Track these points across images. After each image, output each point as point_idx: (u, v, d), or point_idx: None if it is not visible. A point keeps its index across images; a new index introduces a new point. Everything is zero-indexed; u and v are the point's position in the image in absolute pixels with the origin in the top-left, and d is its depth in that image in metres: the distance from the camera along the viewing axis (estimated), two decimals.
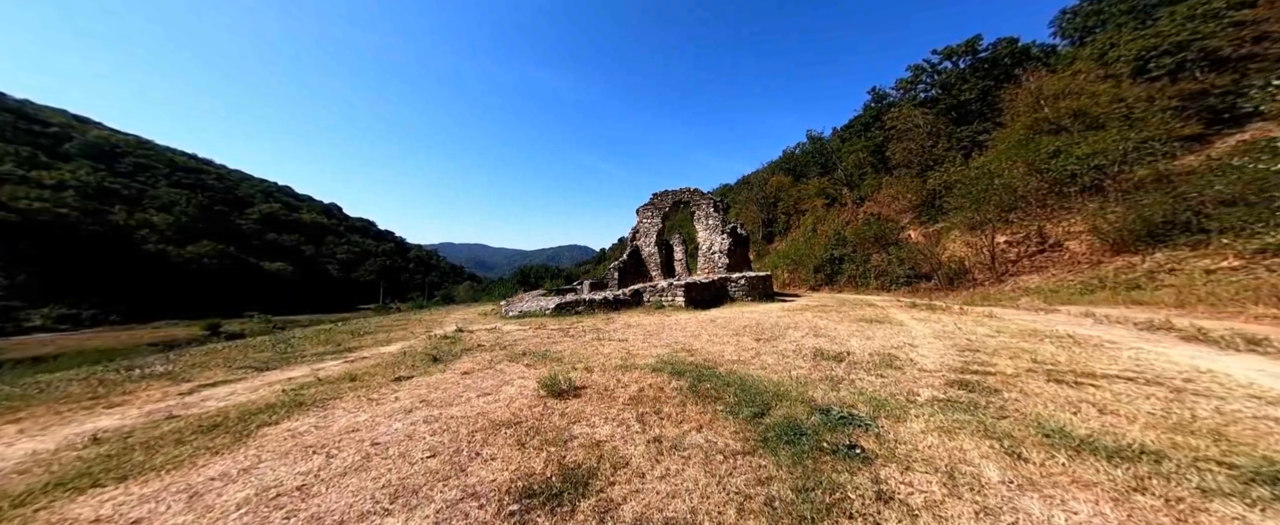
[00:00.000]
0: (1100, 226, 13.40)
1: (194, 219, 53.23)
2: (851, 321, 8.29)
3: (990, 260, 17.08)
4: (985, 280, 16.92)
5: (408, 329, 11.17)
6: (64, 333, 35.36)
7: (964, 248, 19.34)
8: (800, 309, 10.50)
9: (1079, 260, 14.03)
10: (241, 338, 24.26)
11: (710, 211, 19.20)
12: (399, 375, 5.55)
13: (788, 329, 7.61)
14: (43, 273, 40.11)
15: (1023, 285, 14.31)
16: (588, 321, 9.29)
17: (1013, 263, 17.03)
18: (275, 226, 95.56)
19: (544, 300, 11.11)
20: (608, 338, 7.40)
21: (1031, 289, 13.28)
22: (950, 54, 30.68)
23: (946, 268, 18.67)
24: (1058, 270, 14.36)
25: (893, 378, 4.49)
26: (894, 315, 9.08)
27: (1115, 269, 11.86)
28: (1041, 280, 14.15)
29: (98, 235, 41.63)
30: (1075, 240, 15.37)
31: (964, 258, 18.96)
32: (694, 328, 8.06)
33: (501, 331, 8.91)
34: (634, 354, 5.99)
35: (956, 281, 18.18)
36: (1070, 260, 14.71)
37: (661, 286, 11.35)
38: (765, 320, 8.62)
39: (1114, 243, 12.97)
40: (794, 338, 6.79)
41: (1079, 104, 17.74)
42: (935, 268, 19.19)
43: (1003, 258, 17.39)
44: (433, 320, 13.08)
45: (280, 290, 62.38)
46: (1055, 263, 15.19)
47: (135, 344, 28.12)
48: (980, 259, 17.83)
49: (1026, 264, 16.37)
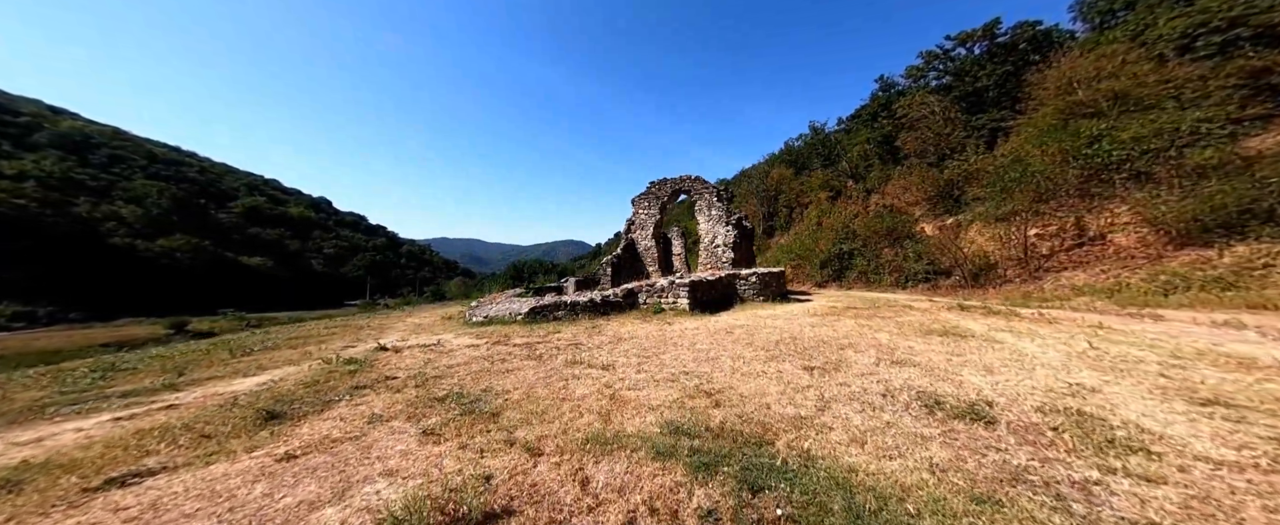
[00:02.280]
0: (1159, 217, 11.80)
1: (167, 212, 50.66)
2: (916, 333, 6.41)
3: (1022, 255, 15.51)
4: (1018, 277, 15.34)
5: (333, 341, 8.99)
6: (16, 331, 33.03)
7: (988, 242, 17.78)
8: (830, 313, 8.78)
9: (1132, 255, 12.44)
10: (209, 336, 22.25)
11: (713, 201, 17.45)
12: (134, 471, 3.21)
13: (842, 347, 5.67)
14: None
15: (1068, 283, 12.71)
16: (566, 332, 7.39)
17: (1046, 258, 15.46)
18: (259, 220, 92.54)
19: (518, 302, 9.24)
20: (586, 363, 5.45)
21: (1082, 288, 11.67)
22: (965, 39, 29.07)
23: (970, 263, 17.10)
24: (1107, 266, 12.77)
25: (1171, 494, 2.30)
26: (962, 324, 7.21)
27: (1186, 265, 10.27)
28: (1089, 277, 12.56)
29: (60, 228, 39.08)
30: (1121, 232, 13.80)
31: (989, 252, 17.41)
32: (706, 343, 6.25)
33: (443, 348, 6.95)
34: (621, 401, 4.02)
35: (982, 278, 16.64)
36: (1118, 255, 13.13)
37: (661, 285, 9.61)
38: (799, 331, 6.86)
39: (1177, 235, 11.38)
40: (862, 365, 4.83)
41: (1119, 85, 16.13)
42: (957, 263, 17.61)
43: (1034, 252, 15.85)
44: (378, 326, 11.15)
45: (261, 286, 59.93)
46: (1099, 258, 13.62)
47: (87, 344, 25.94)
48: (1009, 254, 16.26)
49: (1063, 259, 14.79)
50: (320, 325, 13.27)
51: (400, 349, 7.12)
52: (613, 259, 17.22)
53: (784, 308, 9.82)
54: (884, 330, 6.71)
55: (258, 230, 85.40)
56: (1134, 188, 14.02)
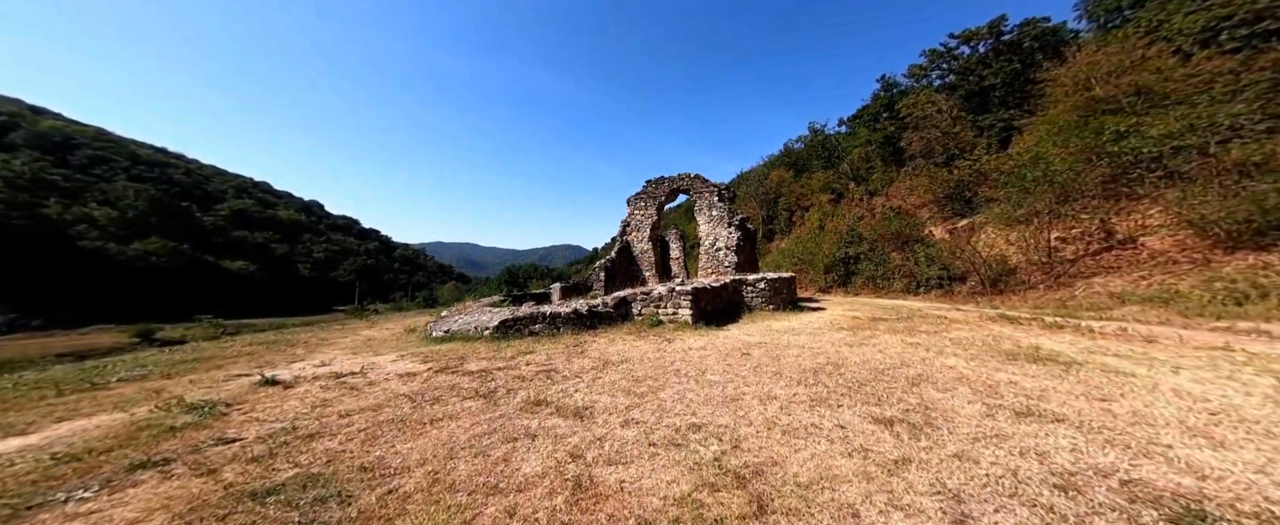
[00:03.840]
0: (1203, 219, 10.79)
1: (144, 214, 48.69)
2: (995, 358, 5.04)
3: (1046, 260, 14.50)
4: (1041, 283, 14.31)
5: (237, 363, 7.19)
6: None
7: (1006, 245, 16.78)
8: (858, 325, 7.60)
9: (1172, 259, 11.42)
10: (179, 343, 20.71)
11: (714, 201, 16.33)
12: None
13: (913, 382, 4.25)
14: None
15: (1103, 290, 11.66)
16: (541, 352, 6.01)
17: (1071, 263, 14.47)
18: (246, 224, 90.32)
19: (489, 313, 7.89)
20: (554, 406, 3.99)
21: (1123, 295, 10.61)
22: (969, 37, 28.38)
23: (987, 268, 16.07)
24: (1143, 271, 11.75)
25: None
26: (1041, 344, 5.74)
27: (1244, 271, 9.25)
28: (1126, 283, 11.51)
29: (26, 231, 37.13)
30: (1154, 236, 12.83)
31: (1007, 256, 16.41)
32: (718, 369, 4.91)
33: (363, 381, 5.27)
34: (594, 493, 2.54)
35: (1000, 284, 15.62)
36: (1154, 260, 12.12)
37: (658, 293, 8.43)
38: (835, 352, 5.56)
39: (1225, 238, 10.38)
40: (966, 416, 3.43)
41: (1143, 80, 15.26)
42: (974, 268, 16.58)
43: (1057, 257, 14.86)
44: (319, 342, 9.66)
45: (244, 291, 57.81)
46: (1132, 263, 12.61)
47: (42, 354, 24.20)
48: (1031, 258, 15.25)
49: (1090, 264, 13.79)
50: (269, 336, 11.84)
51: (294, 383, 5.35)
52: (606, 263, 16.01)
53: (800, 318, 8.66)
54: (948, 352, 5.37)
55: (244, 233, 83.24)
56: (1166, 187, 13.07)
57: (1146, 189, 13.41)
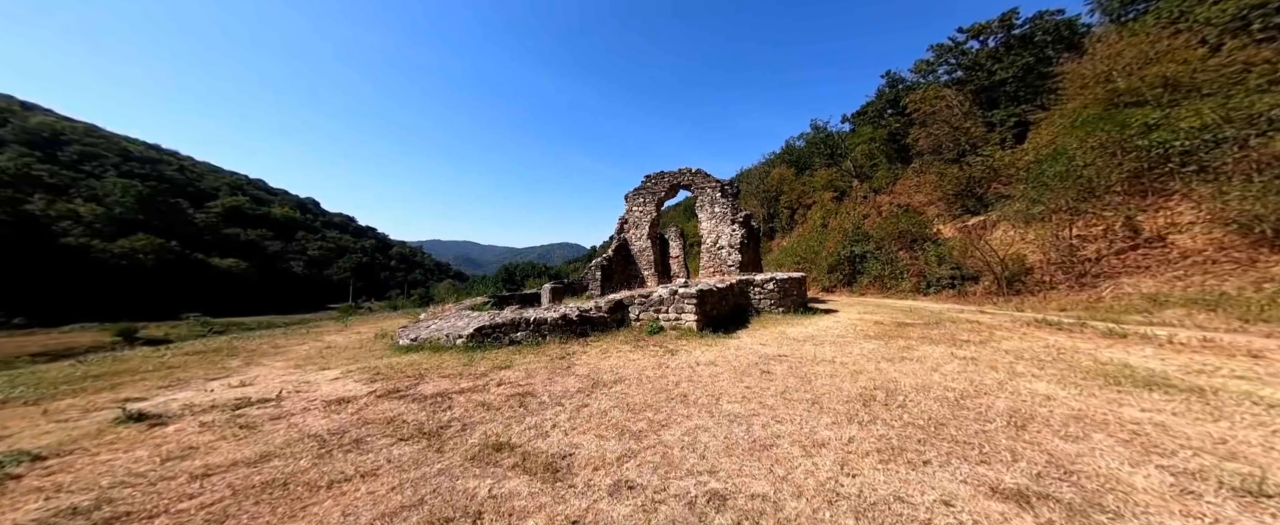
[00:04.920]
0: (1252, 215, 10.00)
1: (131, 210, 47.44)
2: (1086, 379, 4.06)
3: (1068, 259, 13.72)
4: (1062, 283, 13.54)
5: (143, 381, 5.81)
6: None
7: (1023, 244, 16.01)
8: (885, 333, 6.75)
9: (1212, 259, 10.64)
10: (165, 343, 19.81)
11: (717, 197, 15.48)
12: None
13: (1018, 420, 3.19)
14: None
15: (1135, 291, 10.88)
16: (519, 367, 5.03)
17: (1093, 262, 13.69)
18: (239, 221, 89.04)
19: (465, 318, 6.89)
20: (521, 453, 2.98)
21: (1160, 298, 9.82)
22: (979, 31, 27.58)
23: (1003, 268, 15.29)
24: (1177, 272, 10.98)
25: None
26: (1128, 360, 4.73)
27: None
28: (1160, 285, 10.74)
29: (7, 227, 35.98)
30: (1186, 233, 12.05)
31: (1023, 255, 15.63)
32: (736, 395, 3.89)
33: (275, 413, 4.06)
34: None
35: (1017, 284, 14.85)
36: (1187, 259, 11.35)
37: (659, 296, 7.60)
38: (877, 370, 4.57)
39: (1273, 237, 9.59)
40: (1156, 492, 2.23)
41: (1171, 70, 14.46)
42: (988, 267, 15.79)
43: (1078, 256, 14.08)
44: (272, 348, 8.55)
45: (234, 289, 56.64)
46: (1162, 262, 11.83)
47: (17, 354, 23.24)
48: (1050, 257, 14.47)
49: (1115, 263, 13.01)
50: (216, 341, 10.64)
51: (167, 419, 3.97)
52: (603, 262, 15.17)
53: (815, 323, 7.84)
54: (1022, 372, 4.34)
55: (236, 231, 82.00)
56: (1198, 183, 12.28)
57: (1177, 184, 12.63)
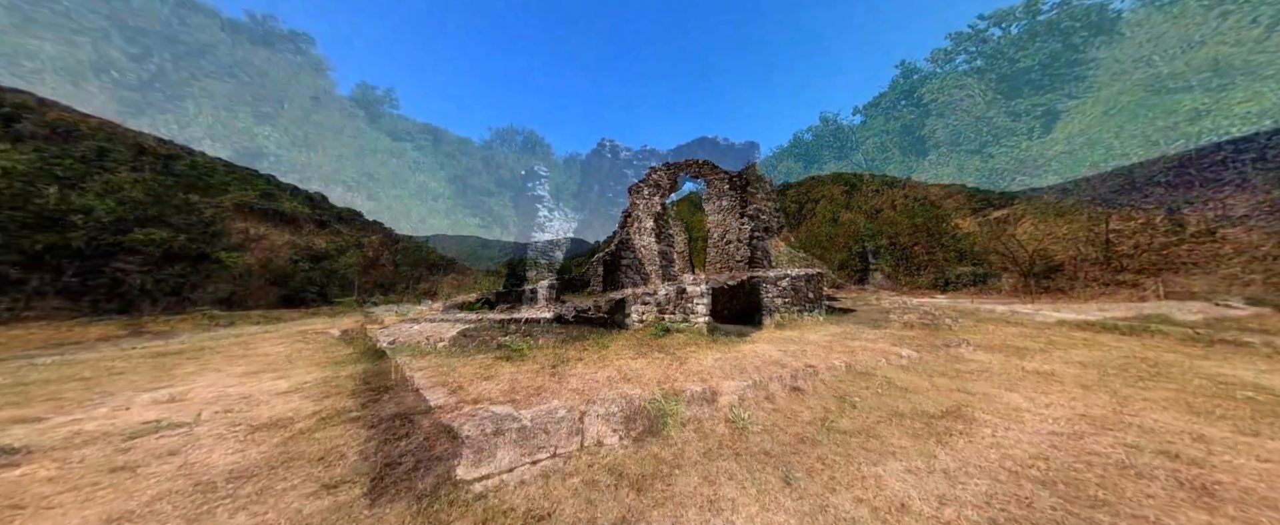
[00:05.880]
0: None
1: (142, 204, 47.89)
2: (1223, 405, 3.16)
3: (1103, 255, 12.79)
4: (1097, 280, 12.62)
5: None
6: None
7: (1051, 238, 15.06)
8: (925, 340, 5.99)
9: (1271, 254, 9.70)
10: (170, 336, 19.60)
11: (724, 189, 14.72)
12: None
13: (1204, 485, 2.16)
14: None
15: (1184, 289, 9.97)
16: (503, 377, 4.22)
17: (1129, 257, 12.75)
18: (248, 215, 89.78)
19: (449, 319, 6.23)
20: (474, 514, 2.05)
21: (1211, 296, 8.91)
22: (1001, 18, 26.27)
23: (1030, 264, 14.38)
24: (1235, 268, 10.04)
25: None
26: (1261, 381, 3.76)
27: None
28: (1214, 283, 9.82)
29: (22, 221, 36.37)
30: (1239, 226, 11.09)
31: (1051, 250, 14.70)
32: (767, 427, 2.97)
33: (175, 442, 2.85)
34: None
35: (1044, 281, 13.94)
36: (1241, 254, 10.41)
37: (664, 294, 6.94)
38: (929, 385, 3.70)
39: None
40: None
41: (1220, 52, 13.37)
42: (1014, 263, 14.87)
43: (1114, 251, 13.14)
44: (236, 348, 6.64)
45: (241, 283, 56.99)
46: (1213, 258, 10.88)
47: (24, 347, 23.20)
48: (1082, 253, 13.54)
49: (1155, 259, 12.06)
50: (175, 343, 9.42)
51: (28, 457, 2.75)
52: (605, 257, 14.52)
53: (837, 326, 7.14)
54: (1132, 396, 3.33)
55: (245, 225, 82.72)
56: (1255, 171, 11.30)
57: (1231, 174, 11.64)
